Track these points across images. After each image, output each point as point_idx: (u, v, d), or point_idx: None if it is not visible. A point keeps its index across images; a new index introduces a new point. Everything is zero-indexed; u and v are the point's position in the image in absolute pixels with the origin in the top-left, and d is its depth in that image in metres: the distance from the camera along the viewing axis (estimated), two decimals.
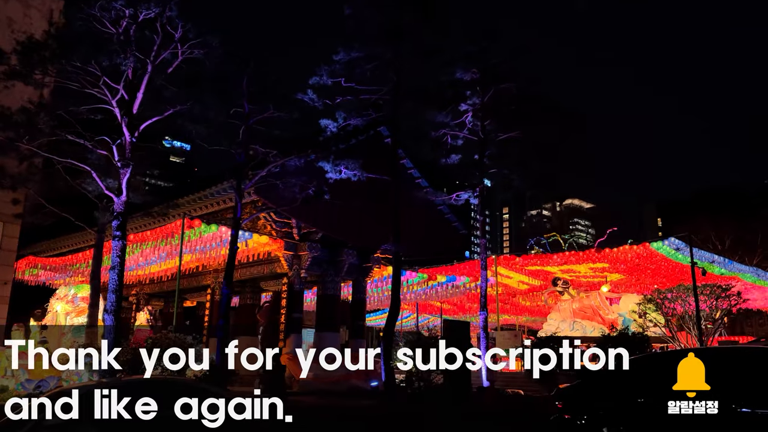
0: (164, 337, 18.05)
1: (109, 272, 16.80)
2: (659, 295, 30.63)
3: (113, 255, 16.82)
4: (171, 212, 22.39)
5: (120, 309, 16.83)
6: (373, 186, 23.50)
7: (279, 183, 21.14)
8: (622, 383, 9.79)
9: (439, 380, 21.25)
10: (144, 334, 20.94)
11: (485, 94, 23.94)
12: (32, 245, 33.08)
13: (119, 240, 16.91)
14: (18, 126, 16.13)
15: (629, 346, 23.15)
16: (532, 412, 18.71)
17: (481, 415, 17.98)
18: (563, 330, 31.65)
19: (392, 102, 22.83)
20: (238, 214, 19.54)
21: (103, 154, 17.16)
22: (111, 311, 16.46)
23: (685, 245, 30.21)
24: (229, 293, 19.17)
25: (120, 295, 16.74)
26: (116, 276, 16.68)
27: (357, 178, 22.56)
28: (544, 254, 35.34)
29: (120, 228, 16.98)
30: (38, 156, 18.58)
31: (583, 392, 10.42)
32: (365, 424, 15.67)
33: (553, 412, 15.77)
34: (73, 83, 17.03)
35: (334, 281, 27.20)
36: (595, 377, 10.32)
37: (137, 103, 17.43)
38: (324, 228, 24.62)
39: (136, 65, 16.91)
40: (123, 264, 16.93)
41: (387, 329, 21.73)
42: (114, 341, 16.24)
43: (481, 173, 24.23)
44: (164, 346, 17.30)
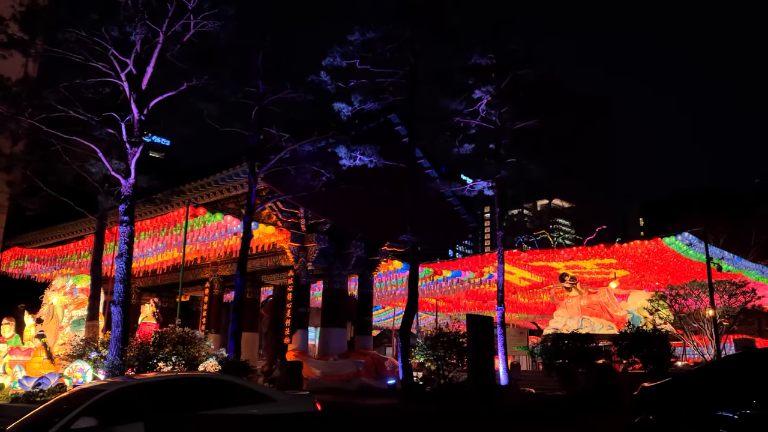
0: (172, 331, 16.74)
1: (116, 260, 15.46)
2: (671, 291, 29.87)
3: (120, 242, 15.48)
4: (174, 199, 21.00)
5: (129, 300, 15.49)
6: (383, 175, 22.40)
7: (291, 169, 19.96)
8: (719, 383, 8.74)
9: (460, 378, 20.27)
10: (150, 329, 19.58)
11: (502, 81, 22.95)
12: (17, 236, 31.51)
13: (127, 225, 15.57)
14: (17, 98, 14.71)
15: (648, 344, 22.48)
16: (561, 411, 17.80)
17: (512, 416, 16.96)
18: (571, 327, 30.66)
19: (409, 85, 21.72)
20: (252, 200, 18.33)
21: (110, 132, 15.76)
22: (119, 302, 15.12)
23: (699, 241, 29.41)
24: (243, 284, 17.97)
25: (128, 285, 15.41)
26: (124, 264, 15.34)
27: (365, 167, 21.45)
28: (550, 249, 34.37)
29: (128, 212, 15.64)
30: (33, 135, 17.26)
31: (670, 392, 9.33)
32: (401, 424, 14.58)
33: (587, 413, 14.73)
34: (76, 56, 15.64)
35: (341, 275, 26.00)
36: (686, 377, 9.33)
37: (146, 77, 16.08)
38: (335, 219, 23.40)
39: (147, 35, 15.56)
40: (131, 251, 15.59)
41: (404, 326, 20.66)
42: (123, 335, 14.90)
43: (497, 162, 23.20)
44: (173, 342, 16.06)
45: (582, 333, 22.80)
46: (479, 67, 23.09)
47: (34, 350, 18.46)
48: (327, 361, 23.95)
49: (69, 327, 19.36)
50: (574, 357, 21.43)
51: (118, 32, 15.06)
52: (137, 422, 7.77)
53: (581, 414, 17.34)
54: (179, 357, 15.53)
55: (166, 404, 8.39)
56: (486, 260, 35.73)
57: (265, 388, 9.66)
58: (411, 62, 21.58)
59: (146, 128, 16.42)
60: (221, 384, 9.27)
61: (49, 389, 15.35)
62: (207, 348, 16.99)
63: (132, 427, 7.79)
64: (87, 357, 15.72)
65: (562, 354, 21.58)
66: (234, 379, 9.67)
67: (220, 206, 23.71)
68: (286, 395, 9.74)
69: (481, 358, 19.02)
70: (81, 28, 15.10)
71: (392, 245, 27.93)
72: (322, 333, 25.79)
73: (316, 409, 9.41)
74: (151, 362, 15.20)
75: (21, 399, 15.17)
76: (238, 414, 8.46)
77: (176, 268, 28.34)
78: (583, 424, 16.11)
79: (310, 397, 9.79)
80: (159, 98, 16.11)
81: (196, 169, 23.46)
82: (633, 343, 22.36)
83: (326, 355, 24.67)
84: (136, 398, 8.43)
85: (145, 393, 8.54)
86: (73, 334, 18.53)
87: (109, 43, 15.05)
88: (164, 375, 9.57)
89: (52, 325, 19.66)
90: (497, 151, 23.21)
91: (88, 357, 15.70)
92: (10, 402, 15.28)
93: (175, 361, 15.40)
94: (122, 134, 15.66)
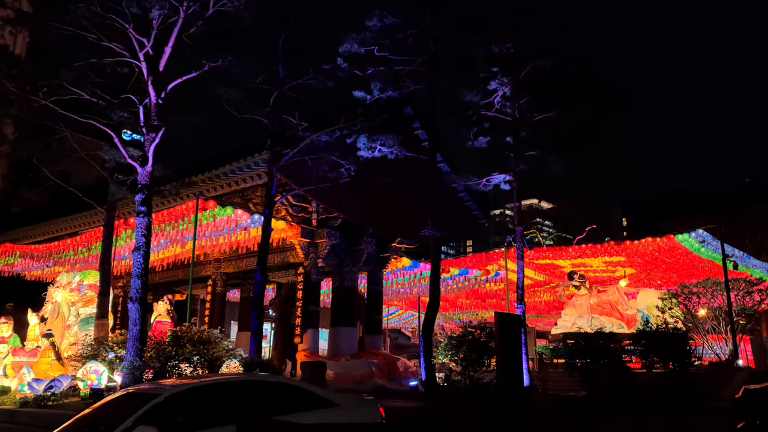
0: (188, 330, 15.72)
1: (133, 254, 14.41)
2: (683, 289, 29.38)
3: (137, 234, 14.42)
4: (183, 192, 19.90)
5: (146, 297, 14.42)
6: (396, 168, 21.54)
7: (308, 160, 18.97)
8: None
9: (485, 379, 19.46)
10: (165, 327, 18.49)
11: (521, 70, 22.23)
12: (7, 232, 30.16)
13: (144, 216, 14.51)
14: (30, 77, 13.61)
15: (668, 342, 21.86)
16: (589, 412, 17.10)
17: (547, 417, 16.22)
18: (581, 326, 29.97)
19: (429, 73, 20.84)
20: (273, 191, 17.36)
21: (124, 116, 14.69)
22: (136, 299, 14.08)
23: (712, 238, 28.87)
24: (263, 280, 16.94)
25: (146, 280, 14.37)
26: (141, 258, 14.29)
27: (378, 159, 20.57)
28: (558, 247, 33.79)
29: (145, 202, 14.59)
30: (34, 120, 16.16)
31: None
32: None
33: (614, 414, 13.89)
34: (90, 34, 14.57)
35: (351, 272, 24.99)
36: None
37: (164, 58, 15.05)
38: (351, 214, 22.38)
39: (167, 12, 14.51)
40: (149, 244, 14.54)
41: (426, 326, 19.78)
42: (142, 334, 13.85)
43: (516, 156, 22.44)
44: (192, 341, 15.06)
45: (605, 332, 22.08)
46: (498, 55, 22.35)
47: (42, 351, 17.27)
48: (339, 362, 22.98)
49: (77, 326, 18.17)
50: (597, 356, 20.78)
51: (137, 7, 14.00)
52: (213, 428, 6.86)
53: (609, 414, 16.75)
54: (200, 357, 14.52)
55: (229, 410, 7.44)
56: (491, 258, 34.95)
57: (326, 392, 8.71)
58: (431, 49, 20.73)
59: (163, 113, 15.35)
60: (281, 387, 8.30)
61: (61, 392, 14.23)
62: (225, 348, 16.02)
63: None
64: (102, 358, 14.63)
65: (585, 353, 20.90)
66: (294, 382, 8.76)
67: (225, 200, 22.66)
68: (350, 400, 8.83)
69: (509, 357, 18.22)
70: (96, 4, 14.05)
71: (402, 241, 27.06)
72: (332, 332, 24.80)
73: (381, 417, 8.58)
74: (171, 363, 14.16)
75: (31, 403, 13.95)
76: (326, 423, 7.57)
77: (176, 266, 27.22)
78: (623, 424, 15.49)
79: (374, 403, 8.92)
80: (179, 80, 15.09)
81: (206, 160, 22.33)
82: (653, 341, 21.79)
83: (337, 356, 23.70)
84: (195, 403, 7.46)
85: (203, 397, 7.57)
86: (83, 334, 17.37)
87: (129, 20, 13.99)
88: (217, 378, 8.56)
89: (58, 323, 18.43)
90: (516, 144, 22.48)
91: (103, 358, 14.61)
92: (19, 407, 14.07)
93: (197, 361, 14.39)
94: (139, 118, 14.61)
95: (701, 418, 16.46)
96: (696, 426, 15.53)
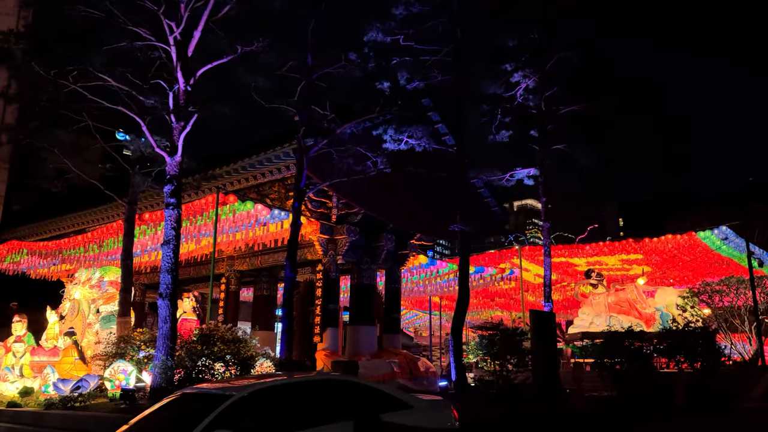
0: (215, 327, 15.04)
1: (163, 247, 13.74)
2: (704, 287, 28.80)
3: (167, 227, 13.76)
4: (204, 185, 19.21)
5: (177, 293, 13.72)
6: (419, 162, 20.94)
7: (334, 152, 18.31)
8: None
9: (516, 379, 18.86)
10: (191, 325, 17.78)
11: (548, 62, 21.64)
12: (13, 229, 29.37)
13: (174, 209, 13.87)
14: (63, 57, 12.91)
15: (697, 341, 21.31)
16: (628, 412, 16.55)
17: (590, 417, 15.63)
18: (599, 325, 29.35)
19: (457, 63, 20.24)
20: (302, 183, 16.70)
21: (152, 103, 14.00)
22: (166, 295, 13.38)
23: (735, 235, 28.35)
24: (293, 276, 16.26)
25: (176, 275, 13.68)
26: (171, 252, 13.62)
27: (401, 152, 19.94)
28: (574, 245, 33.18)
29: (174, 194, 13.95)
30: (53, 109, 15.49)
31: None
32: None
33: (651, 414, 13.25)
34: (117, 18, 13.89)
35: (370, 269, 24.30)
36: None
37: (193, 43, 14.39)
38: (374, 210, 21.69)
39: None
40: (179, 237, 13.90)
41: (455, 324, 19.18)
42: (172, 332, 13.15)
43: (542, 150, 21.83)
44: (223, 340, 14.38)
45: (635, 331, 21.48)
46: (524, 45, 21.80)
47: (64, 350, 16.52)
48: (360, 361, 22.31)
49: (98, 324, 17.39)
50: (629, 356, 20.23)
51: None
52: None
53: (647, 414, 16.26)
54: (233, 357, 13.82)
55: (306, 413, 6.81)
56: (504, 256, 34.38)
57: (399, 393, 8.08)
58: (458, 38, 20.16)
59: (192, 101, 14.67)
60: (357, 388, 7.69)
61: (88, 393, 13.49)
62: (255, 346, 15.35)
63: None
64: (130, 357, 13.91)
65: (617, 352, 20.34)
66: (368, 383, 8.11)
67: (242, 195, 21.98)
68: (423, 401, 8.20)
69: (546, 356, 17.61)
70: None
71: (421, 238, 26.42)
72: (350, 331, 24.13)
73: (455, 420, 8.00)
74: (202, 362, 13.45)
75: (57, 405, 13.20)
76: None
77: (188, 263, 26.49)
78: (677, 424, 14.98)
79: (447, 405, 8.32)
80: (209, 65, 14.42)
81: (229, 153, 21.63)
82: (680, 340, 21.26)
83: (357, 355, 23.04)
84: (270, 405, 6.81)
85: (278, 398, 6.91)
86: (106, 332, 16.61)
87: (161, 1, 13.31)
88: (284, 378, 7.89)
89: (78, 321, 17.64)
90: (542, 137, 21.89)
91: (131, 357, 13.90)
92: (45, 408, 13.33)
93: (229, 361, 13.69)
94: (169, 106, 13.92)
95: (745, 419, 15.99)
96: (747, 428, 15.00)
